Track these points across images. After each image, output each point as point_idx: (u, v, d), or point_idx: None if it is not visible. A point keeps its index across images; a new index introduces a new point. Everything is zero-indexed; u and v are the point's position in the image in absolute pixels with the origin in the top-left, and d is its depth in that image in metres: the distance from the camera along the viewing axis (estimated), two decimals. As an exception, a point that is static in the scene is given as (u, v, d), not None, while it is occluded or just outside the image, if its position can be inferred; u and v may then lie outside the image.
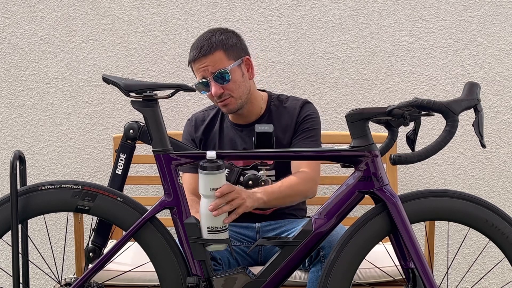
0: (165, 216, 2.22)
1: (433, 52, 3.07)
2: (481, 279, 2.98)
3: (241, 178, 2.10)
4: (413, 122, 2.02)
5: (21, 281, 2.07)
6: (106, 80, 2.07)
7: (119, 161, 2.09)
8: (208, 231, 1.99)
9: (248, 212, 2.54)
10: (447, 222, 2.06)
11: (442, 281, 2.29)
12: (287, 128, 2.51)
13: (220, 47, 2.40)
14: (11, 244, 2.00)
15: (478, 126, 1.90)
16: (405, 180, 3.08)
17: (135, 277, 2.43)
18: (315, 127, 2.52)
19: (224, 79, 2.38)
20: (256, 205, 2.15)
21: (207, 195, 1.99)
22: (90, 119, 3.09)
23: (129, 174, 2.12)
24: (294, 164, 2.45)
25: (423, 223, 2.45)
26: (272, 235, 2.47)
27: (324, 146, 2.50)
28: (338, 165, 2.12)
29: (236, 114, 2.51)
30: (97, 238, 2.10)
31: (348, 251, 1.97)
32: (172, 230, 2.05)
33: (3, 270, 2.42)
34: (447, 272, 2.48)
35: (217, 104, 2.46)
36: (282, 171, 2.47)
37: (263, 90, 2.62)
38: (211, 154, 1.97)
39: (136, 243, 2.06)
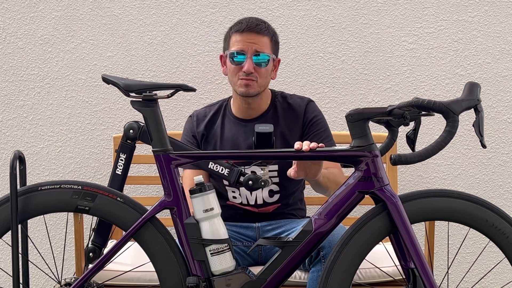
0: (165, 216, 2.22)
1: (433, 52, 3.07)
2: (481, 279, 2.98)
3: (241, 178, 2.10)
4: (413, 122, 2.02)
5: (21, 281, 2.07)
6: (106, 80, 2.08)
7: (119, 161, 2.09)
8: (211, 253, 2.00)
9: (248, 212, 2.55)
10: (447, 222, 2.06)
11: (442, 281, 2.29)
12: (293, 126, 2.54)
13: (271, 35, 2.52)
14: (11, 244, 2.00)
15: (478, 126, 1.90)
16: (405, 180, 3.08)
17: (135, 277, 2.43)
18: (325, 127, 2.57)
19: (261, 63, 2.46)
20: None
21: (202, 218, 2.01)
22: (90, 119, 3.09)
23: (129, 174, 2.12)
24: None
25: (423, 223, 2.45)
26: (272, 235, 2.47)
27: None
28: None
29: (247, 104, 2.53)
30: (97, 238, 2.10)
31: (348, 251, 1.97)
32: (172, 230, 2.05)
33: (3, 270, 2.42)
34: (447, 272, 2.48)
35: (237, 82, 2.47)
36: (286, 168, 2.47)
37: None
38: (197, 178, 2.03)
39: (136, 243, 2.06)
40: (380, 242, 2.02)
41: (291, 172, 2.18)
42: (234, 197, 2.56)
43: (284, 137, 2.51)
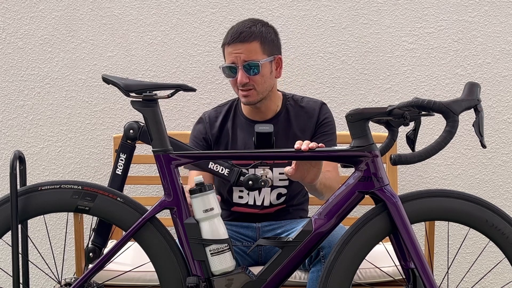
0: (165, 216, 2.22)
1: (433, 52, 3.07)
2: (481, 279, 2.97)
3: (241, 178, 2.10)
4: (413, 122, 2.02)
5: (21, 281, 2.07)
6: (106, 80, 2.08)
7: (119, 161, 2.09)
8: (211, 253, 2.00)
9: (250, 213, 2.55)
10: (447, 222, 2.06)
11: (442, 281, 2.29)
12: (306, 128, 2.53)
13: (258, 38, 2.42)
14: (11, 244, 2.00)
15: (478, 126, 1.90)
16: (405, 180, 3.08)
17: (135, 277, 2.43)
18: (333, 130, 2.55)
19: (253, 71, 2.40)
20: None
21: (202, 218, 2.01)
22: (90, 119, 3.09)
23: (129, 174, 2.13)
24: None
25: (423, 223, 2.45)
26: (272, 235, 2.47)
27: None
28: (338, 165, 2.11)
29: (255, 108, 2.51)
30: (97, 238, 2.10)
31: (348, 251, 1.97)
32: (172, 230, 2.05)
33: (3, 270, 2.42)
34: (447, 272, 2.48)
35: (237, 92, 2.46)
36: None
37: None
38: (198, 178, 2.02)
39: (136, 243, 2.06)
40: (380, 242, 2.02)
41: (288, 170, 2.17)
42: (241, 197, 2.55)
43: (296, 139, 2.48)
